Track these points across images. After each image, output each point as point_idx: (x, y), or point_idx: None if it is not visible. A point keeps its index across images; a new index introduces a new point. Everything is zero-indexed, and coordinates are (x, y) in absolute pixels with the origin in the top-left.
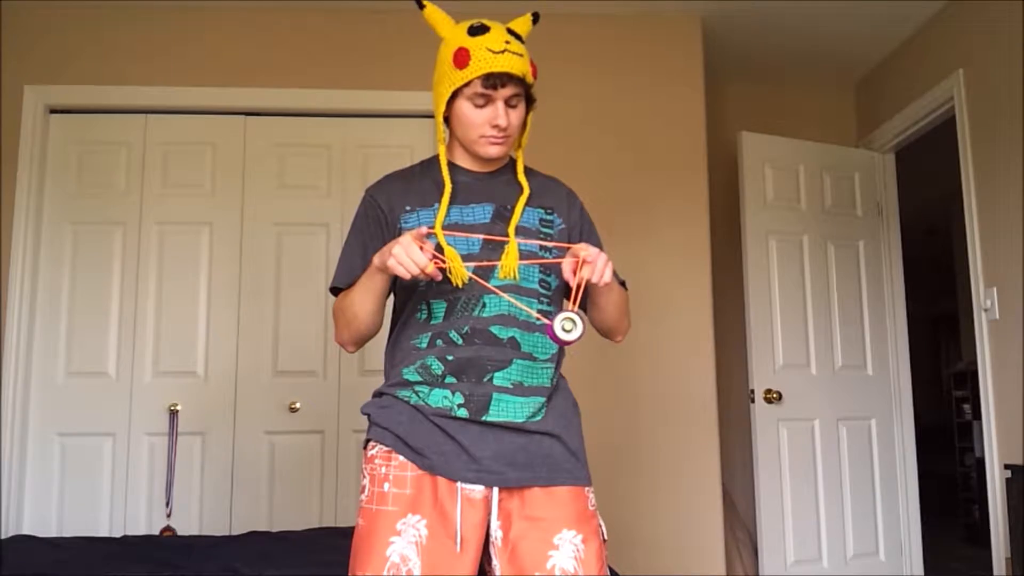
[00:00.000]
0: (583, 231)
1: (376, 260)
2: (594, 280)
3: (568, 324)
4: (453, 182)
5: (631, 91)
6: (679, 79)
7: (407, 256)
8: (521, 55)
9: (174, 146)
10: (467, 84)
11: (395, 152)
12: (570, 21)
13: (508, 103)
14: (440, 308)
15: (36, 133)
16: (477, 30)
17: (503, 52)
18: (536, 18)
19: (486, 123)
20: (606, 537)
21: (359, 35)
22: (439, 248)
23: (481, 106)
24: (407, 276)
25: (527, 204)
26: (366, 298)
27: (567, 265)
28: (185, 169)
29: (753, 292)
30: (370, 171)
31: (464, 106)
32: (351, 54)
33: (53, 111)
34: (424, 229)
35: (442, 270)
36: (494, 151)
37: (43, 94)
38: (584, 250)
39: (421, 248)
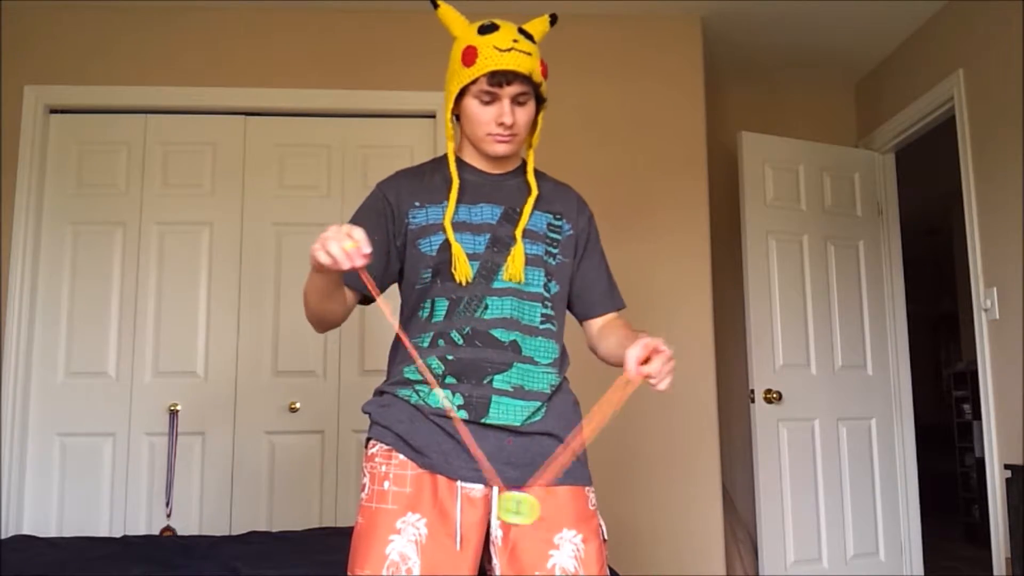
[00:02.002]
0: (590, 240)
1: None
2: (660, 388)
3: (512, 505)
4: (462, 179)
5: (631, 91)
6: (679, 79)
7: (327, 242)
8: (529, 53)
9: (174, 146)
10: (474, 82)
11: (395, 152)
12: (570, 22)
13: (515, 101)
14: (442, 306)
15: (36, 133)
16: (487, 29)
17: (510, 50)
18: (554, 20)
19: (492, 121)
20: (606, 537)
21: (360, 35)
22: (446, 246)
23: (487, 103)
24: (326, 262)
25: (536, 208)
26: (310, 288)
27: (633, 357)
28: (185, 169)
29: (753, 292)
30: (370, 171)
31: (472, 104)
32: (351, 54)
33: (53, 111)
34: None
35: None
36: (501, 149)
37: (43, 94)
38: (659, 344)
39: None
